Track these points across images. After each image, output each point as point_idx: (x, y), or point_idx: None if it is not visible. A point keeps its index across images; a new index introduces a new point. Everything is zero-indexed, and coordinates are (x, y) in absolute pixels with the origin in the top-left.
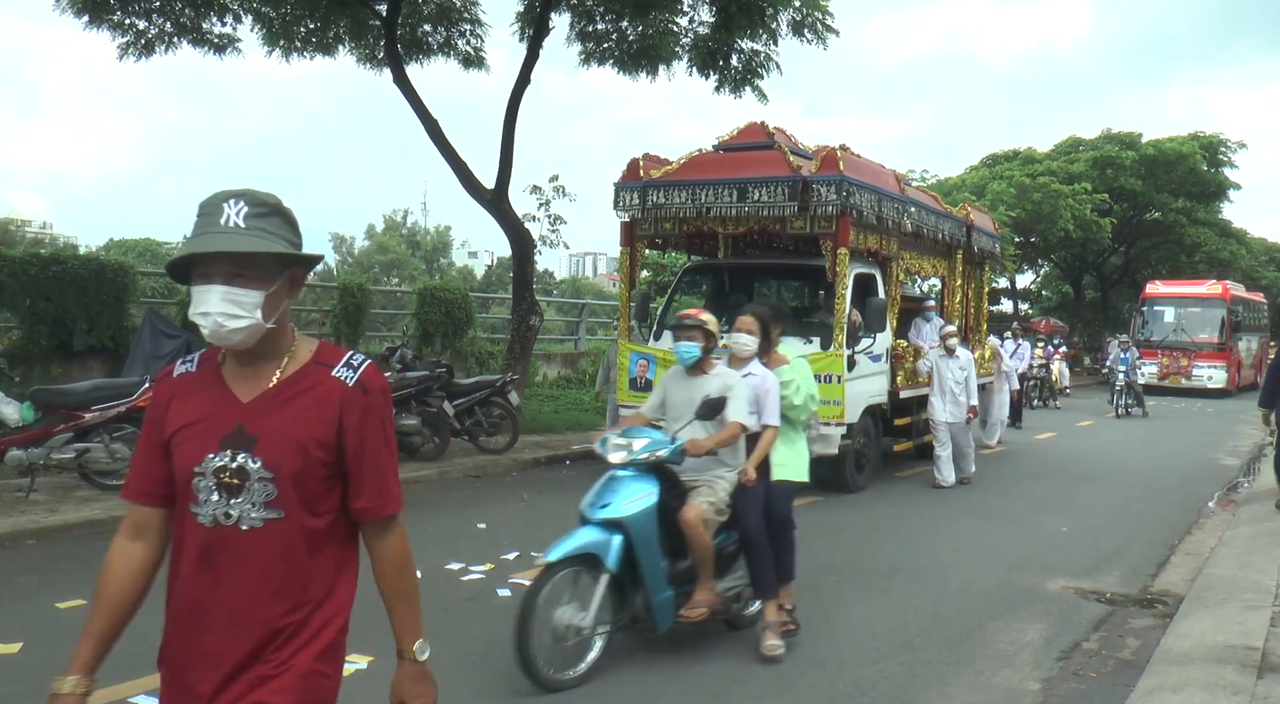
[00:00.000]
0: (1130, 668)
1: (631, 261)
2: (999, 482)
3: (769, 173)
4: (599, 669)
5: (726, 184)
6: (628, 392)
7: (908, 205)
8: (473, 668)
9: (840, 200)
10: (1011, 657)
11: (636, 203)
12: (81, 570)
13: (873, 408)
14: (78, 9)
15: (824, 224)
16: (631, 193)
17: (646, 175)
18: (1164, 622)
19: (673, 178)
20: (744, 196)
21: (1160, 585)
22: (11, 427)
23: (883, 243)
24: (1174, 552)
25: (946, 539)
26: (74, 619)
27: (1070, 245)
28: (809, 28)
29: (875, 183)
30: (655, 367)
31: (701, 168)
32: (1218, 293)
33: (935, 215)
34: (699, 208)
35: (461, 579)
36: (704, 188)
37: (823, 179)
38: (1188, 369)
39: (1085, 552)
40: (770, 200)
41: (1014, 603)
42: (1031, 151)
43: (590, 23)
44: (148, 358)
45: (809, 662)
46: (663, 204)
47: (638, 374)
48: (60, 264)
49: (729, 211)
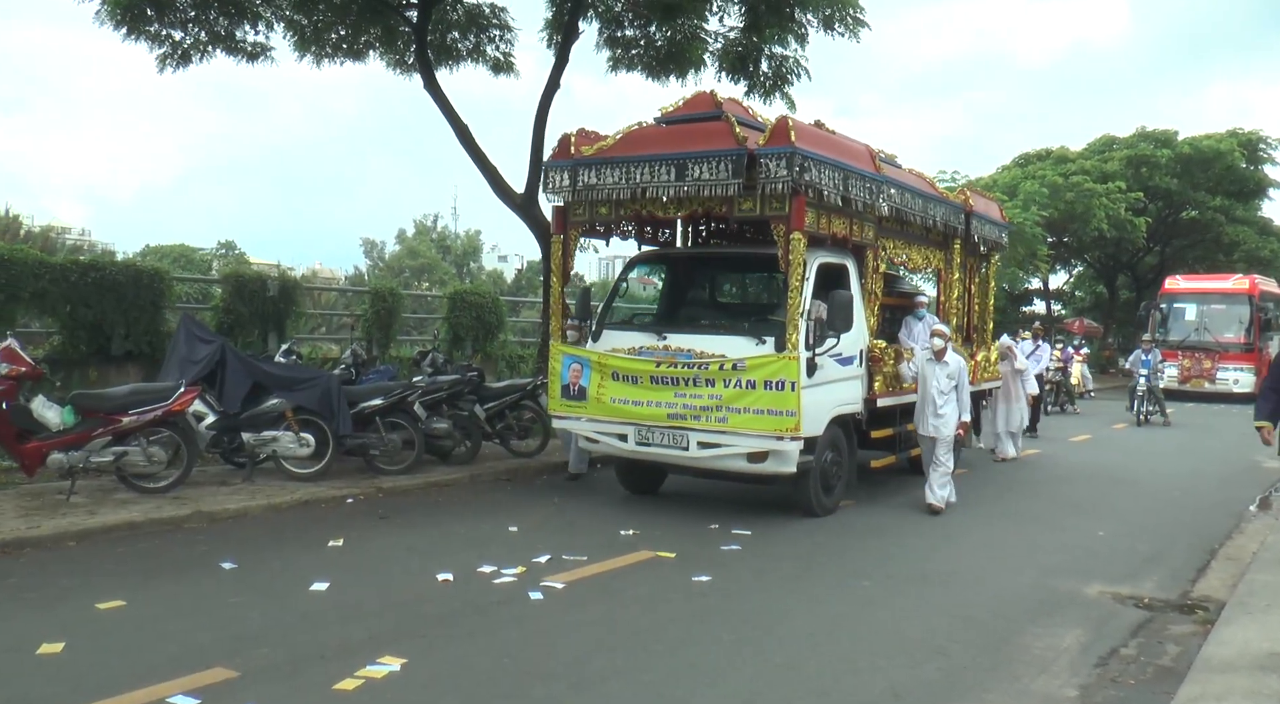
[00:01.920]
0: (1170, 675)
1: (564, 251)
2: (1031, 485)
3: (712, 146)
4: (617, 674)
5: (663, 160)
6: (559, 400)
7: (883, 185)
8: (504, 670)
9: (791, 176)
10: (1049, 663)
11: (566, 184)
12: (121, 572)
13: (843, 418)
14: (116, 21)
15: (775, 205)
16: (561, 172)
17: (577, 152)
18: (1205, 628)
19: (606, 155)
20: (682, 174)
21: (1201, 591)
22: (53, 431)
23: (854, 228)
24: (1214, 556)
25: (978, 543)
26: (114, 620)
27: (1104, 245)
28: (840, 22)
29: (839, 157)
30: (589, 372)
31: (639, 143)
32: (1244, 288)
33: (924, 199)
34: (633, 188)
35: (493, 582)
36: (639, 165)
37: (771, 152)
38: (1211, 372)
39: (1122, 556)
40: (712, 178)
41: (1050, 608)
42: (1064, 151)
43: (618, 28)
44: (183, 362)
45: (843, 666)
46: (594, 184)
47: (570, 380)
48: (99, 270)
49: (666, 192)
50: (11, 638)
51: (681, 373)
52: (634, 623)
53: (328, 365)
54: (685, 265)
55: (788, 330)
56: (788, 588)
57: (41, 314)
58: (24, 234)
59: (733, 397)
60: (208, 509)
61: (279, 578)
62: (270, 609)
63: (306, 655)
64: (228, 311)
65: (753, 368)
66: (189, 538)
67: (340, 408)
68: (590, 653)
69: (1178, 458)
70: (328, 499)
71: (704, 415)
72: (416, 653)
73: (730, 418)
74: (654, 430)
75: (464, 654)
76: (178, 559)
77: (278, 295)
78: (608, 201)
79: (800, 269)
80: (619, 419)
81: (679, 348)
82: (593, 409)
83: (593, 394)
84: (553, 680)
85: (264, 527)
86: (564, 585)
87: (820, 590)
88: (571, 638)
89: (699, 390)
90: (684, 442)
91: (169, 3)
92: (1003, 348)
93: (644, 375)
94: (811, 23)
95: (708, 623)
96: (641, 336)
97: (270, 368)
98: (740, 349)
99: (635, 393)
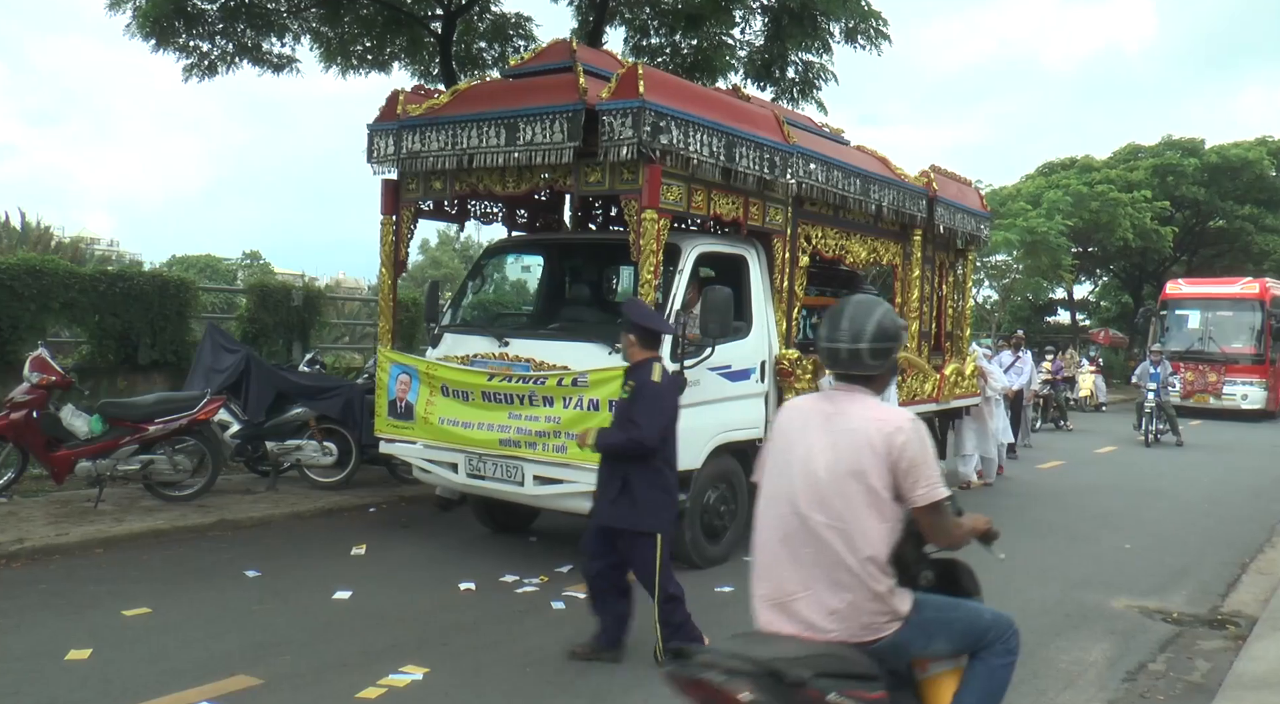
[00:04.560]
0: (1200, 691)
1: (396, 237)
2: (1056, 496)
3: (548, 102)
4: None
5: (491, 119)
6: (385, 419)
7: (793, 157)
8: (528, 679)
9: (639, 137)
10: (1075, 677)
11: (391, 151)
12: (147, 579)
13: (734, 447)
14: (145, 33)
15: (627, 177)
16: (385, 137)
17: (404, 113)
18: (1236, 644)
19: (435, 114)
20: (513, 137)
21: (1231, 606)
22: (81, 439)
23: (752, 210)
24: (1245, 570)
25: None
26: (140, 626)
27: (1130, 255)
28: (863, 34)
29: (719, 118)
30: (418, 385)
31: (474, 100)
32: (1254, 292)
33: (862, 179)
34: (459, 155)
35: (516, 592)
36: (466, 126)
37: (614, 107)
38: (1217, 386)
39: (1150, 569)
40: (546, 140)
41: (1076, 622)
42: (1089, 160)
43: (644, 37)
44: (208, 372)
45: None
46: (419, 151)
47: (397, 395)
48: (126, 280)
49: (496, 159)
50: (40, 643)
51: (516, 389)
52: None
53: (351, 375)
54: (560, 255)
55: None
56: None
57: (71, 324)
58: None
59: (573, 420)
60: (232, 517)
61: (302, 586)
62: (293, 617)
63: (329, 663)
64: (252, 321)
65: (595, 384)
66: (213, 545)
67: (363, 417)
68: (613, 663)
69: (1207, 468)
70: (350, 507)
71: (540, 442)
72: (439, 662)
73: (570, 446)
74: (485, 460)
75: (486, 664)
76: (202, 567)
77: (302, 305)
78: (440, 173)
79: (650, 258)
80: (448, 444)
81: (516, 357)
82: (420, 430)
83: (420, 412)
84: (574, 691)
85: (287, 535)
86: (586, 595)
87: None
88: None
89: (535, 411)
90: (518, 475)
91: (198, 15)
92: (977, 366)
93: (475, 390)
94: (834, 34)
95: (729, 633)
96: (483, 342)
97: (294, 377)
98: (588, 359)
99: (465, 412)
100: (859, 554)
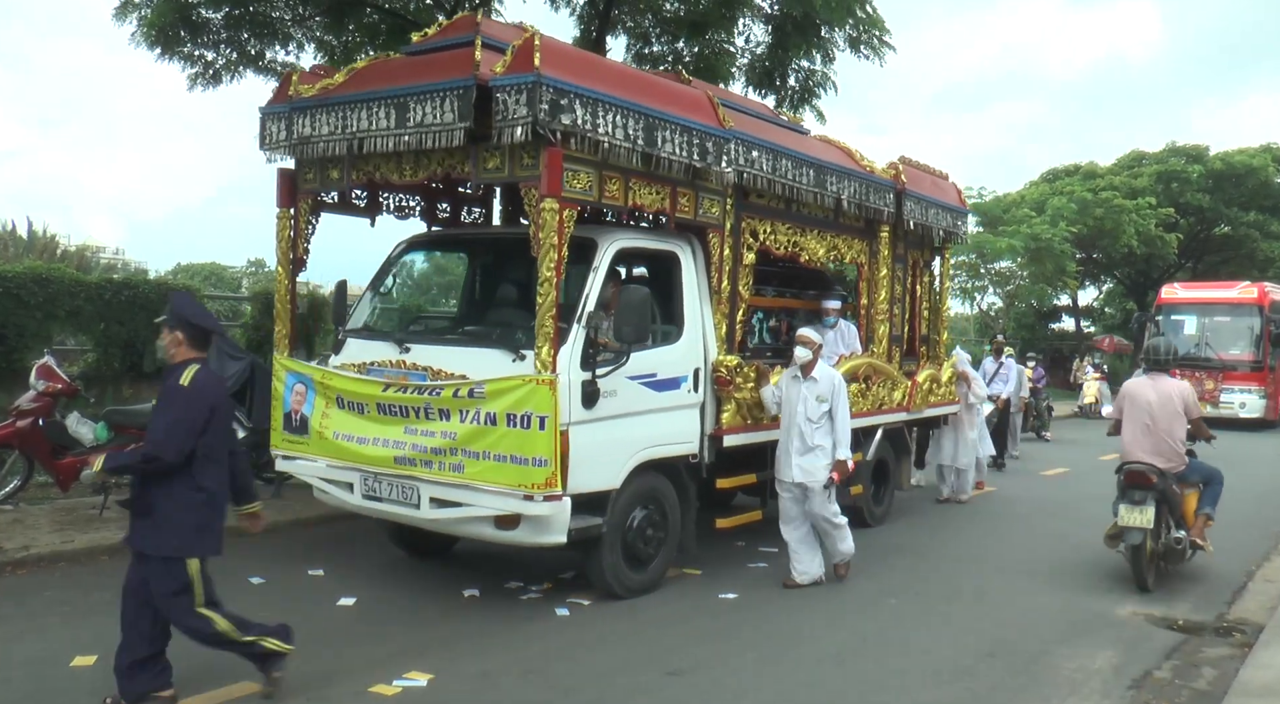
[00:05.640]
0: (1206, 699)
1: (295, 232)
2: (1060, 503)
3: (440, 78)
4: (642, 691)
5: (381, 99)
6: (282, 433)
7: (726, 143)
8: (530, 686)
9: (534, 115)
10: (1080, 684)
11: (283, 137)
12: None
13: (666, 463)
14: (150, 42)
15: (527, 162)
16: (278, 121)
17: (297, 94)
18: (1242, 651)
19: (328, 95)
20: (403, 118)
21: (1237, 613)
22: (87, 446)
23: (676, 201)
24: (1251, 578)
25: (1005, 562)
26: None
27: (1134, 261)
28: (865, 43)
29: (636, 98)
30: (313, 396)
31: (370, 79)
32: (1252, 297)
33: (816, 169)
34: (350, 139)
35: (520, 598)
36: (356, 107)
37: (507, 82)
38: (1214, 394)
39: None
40: (436, 121)
41: (1080, 629)
42: (1093, 166)
43: (646, 45)
44: None
45: (868, 685)
46: (309, 135)
47: (293, 406)
48: (131, 288)
49: (386, 143)
50: (46, 650)
51: (411, 400)
52: (659, 640)
53: None
54: (483, 252)
55: (537, 342)
56: (813, 606)
57: (76, 331)
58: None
59: (470, 435)
60: (236, 524)
61: (306, 593)
62: (297, 624)
63: (334, 670)
64: (257, 328)
65: (493, 395)
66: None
67: None
68: (615, 670)
69: None
70: (354, 514)
71: (436, 460)
72: (443, 668)
73: (467, 465)
74: (381, 479)
75: (490, 670)
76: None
77: (307, 312)
78: (336, 161)
79: (553, 254)
80: (343, 461)
81: (414, 365)
82: (315, 446)
83: (315, 426)
84: (577, 698)
85: (291, 542)
86: (590, 602)
87: (846, 609)
88: (597, 655)
89: (431, 425)
90: (414, 496)
91: (202, 24)
92: (958, 371)
93: (371, 402)
94: (838, 43)
95: (732, 641)
96: (384, 348)
97: None
98: (488, 367)
99: (361, 426)
100: (1173, 437)
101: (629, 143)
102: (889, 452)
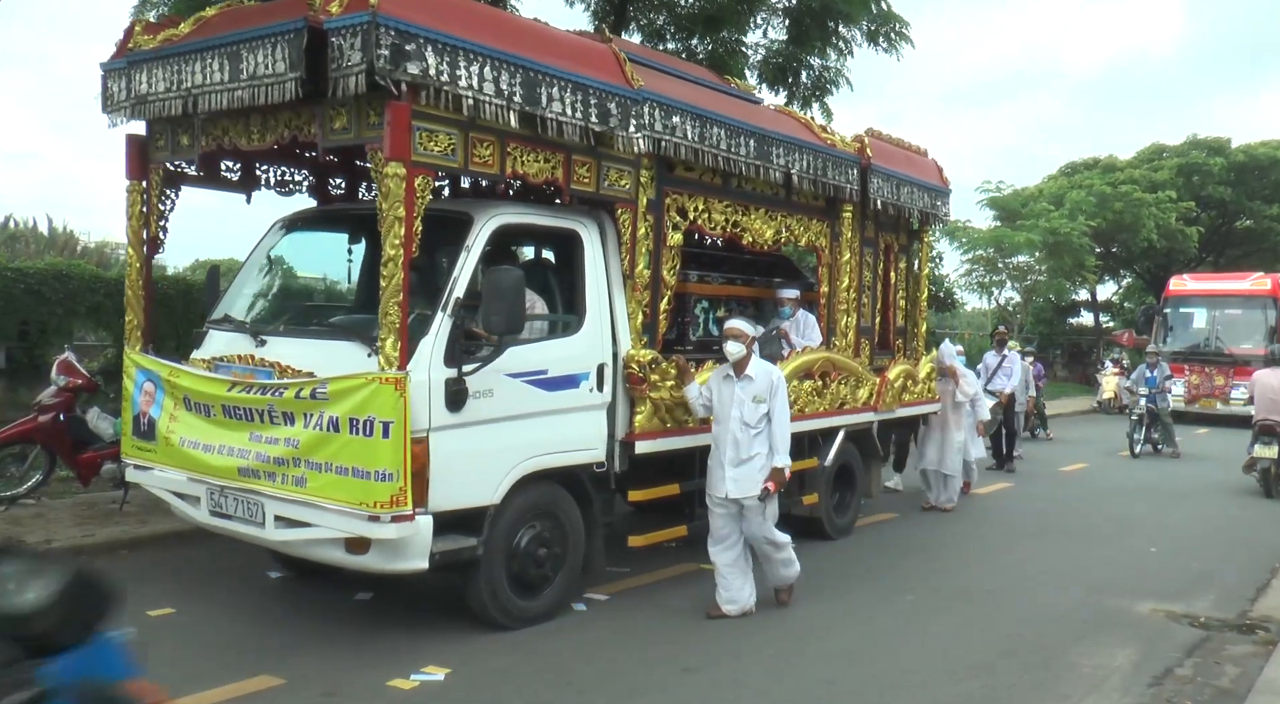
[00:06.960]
0: (1229, 697)
1: (147, 207)
2: (1077, 500)
3: (272, 20)
4: (657, 687)
5: (214, 48)
6: (130, 439)
7: (636, 105)
8: (545, 682)
9: (372, 64)
10: (1099, 682)
11: (124, 97)
12: (171, 580)
13: (556, 474)
14: None
15: (374, 121)
16: (119, 79)
17: (137, 46)
18: (1266, 649)
19: (167, 46)
20: (236, 70)
21: (1260, 610)
22: (107, 441)
23: (571, 171)
24: (1275, 575)
25: (1023, 558)
26: (164, 626)
27: (1154, 256)
28: (883, 36)
29: (510, 49)
30: (162, 396)
31: (211, 27)
32: (1265, 288)
33: (758, 139)
34: (184, 98)
35: None
36: (190, 59)
37: (342, 25)
38: (1224, 390)
39: (1176, 573)
40: (269, 72)
41: (1099, 625)
42: (1112, 160)
43: (660, 42)
44: None
45: (884, 682)
46: (145, 93)
47: (141, 408)
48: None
49: (220, 100)
50: None
51: (255, 401)
52: (674, 635)
53: None
54: (364, 231)
55: (381, 333)
56: (829, 602)
57: (97, 327)
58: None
59: (312, 443)
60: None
61: (324, 587)
62: (315, 618)
63: (351, 664)
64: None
65: (336, 396)
66: (236, 547)
67: None
68: (630, 666)
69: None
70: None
71: (279, 472)
72: (459, 663)
73: (309, 478)
74: (227, 493)
75: (506, 665)
76: (225, 568)
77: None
78: (187, 125)
79: (399, 228)
80: (189, 471)
81: (262, 361)
82: (161, 454)
83: (162, 430)
84: (592, 693)
85: None
86: (607, 597)
87: (862, 605)
88: (612, 650)
89: (275, 431)
90: (259, 513)
91: None
92: (941, 364)
93: (216, 403)
94: (856, 38)
95: (748, 637)
96: (238, 341)
97: None
98: (339, 363)
99: (205, 431)
100: None
101: (502, 100)
102: (854, 456)
